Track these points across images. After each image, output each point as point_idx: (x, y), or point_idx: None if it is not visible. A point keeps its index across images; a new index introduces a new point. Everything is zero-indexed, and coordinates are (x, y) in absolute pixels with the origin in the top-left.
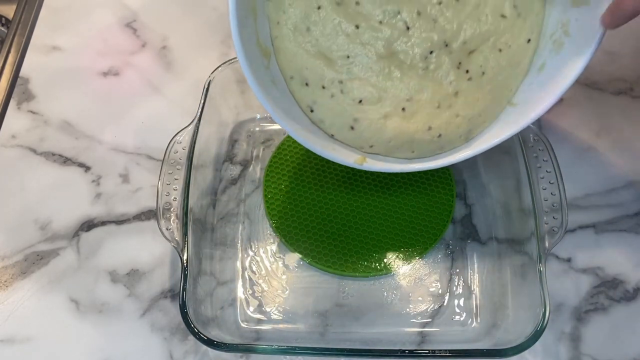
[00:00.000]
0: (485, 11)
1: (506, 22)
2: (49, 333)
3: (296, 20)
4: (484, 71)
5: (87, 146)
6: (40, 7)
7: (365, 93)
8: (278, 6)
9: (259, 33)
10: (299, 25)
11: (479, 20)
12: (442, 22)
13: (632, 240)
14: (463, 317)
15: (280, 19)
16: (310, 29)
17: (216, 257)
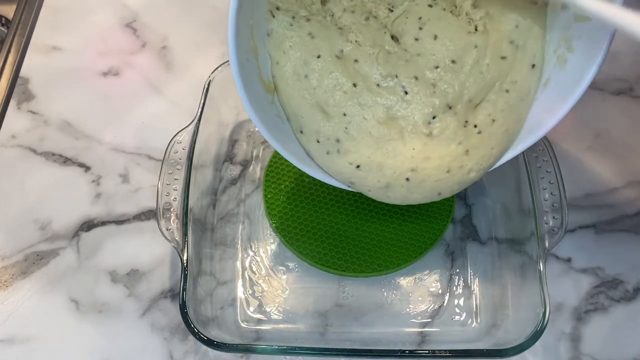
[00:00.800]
0: (485, 62)
1: (507, 61)
2: (49, 333)
3: (295, 64)
4: (494, 119)
5: (87, 146)
6: (40, 7)
7: (362, 159)
8: (278, 45)
9: (262, 69)
10: (297, 70)
11: (480, 73)
12: (442, 86)
13: (632, 240)
14: (463, 317)
15: (280, 59)
16: (308, 76)
17: (216, 257)
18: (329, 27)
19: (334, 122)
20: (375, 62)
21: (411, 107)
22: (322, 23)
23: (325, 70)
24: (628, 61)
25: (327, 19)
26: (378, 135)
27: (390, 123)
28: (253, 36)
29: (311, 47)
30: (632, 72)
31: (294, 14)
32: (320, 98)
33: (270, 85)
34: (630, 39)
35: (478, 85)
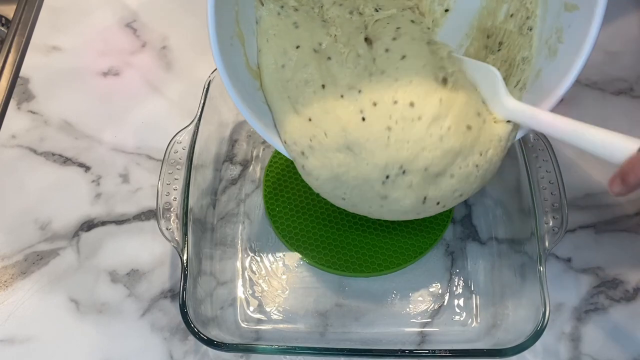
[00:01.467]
0: (445, 124)
1: (472, 133)
2: (49, 333)
3: (275, 53)
4: (462, 193)
5: (87, 146)
6: (40, 7)
7: (327, 175)
8: (263, 33)
9: (249, 56)
10: (277, 59)
11: (440, 139)
12: (396, 135)
13: (632, 240)
14: (463, 317)
15: (262, 47)
16: (285, 67)
17: (216, 257)
18: (314, 19)
19: (302, 126)
20: (344, 64)
21: (367, 145)
22: (309, 14)
23: (301, 62)
24: (628, 61)
25: (314, 10)
26: (338, 162)
27: (349, 153)
28: (239, 22)
29: (293, 36)
30: (632, 72)
31: (283, 3)
32: (292, 93)
33: (257, 72)
34: (630, 39)
35: (436, 152)
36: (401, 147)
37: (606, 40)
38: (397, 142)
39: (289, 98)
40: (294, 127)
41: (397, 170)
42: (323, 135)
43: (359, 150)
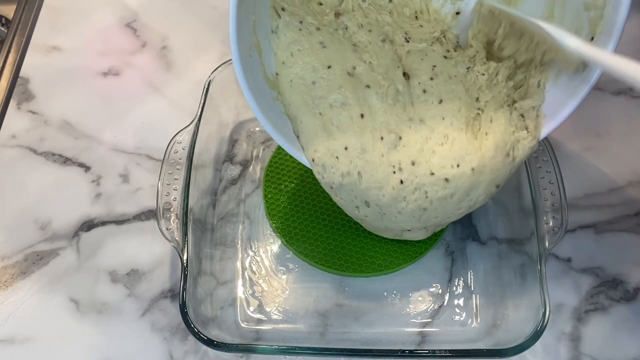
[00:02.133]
0: (479, 197)
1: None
2: (49, 333)
3: (303, 68)
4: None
5: (87, 146)
6: (40, 7)
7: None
8: (286, 46)
9: (266, 67)
10: (304, 75)
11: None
12: (431, 213)
13: (632, 240)
14: (463, 317)
15: (286, 60)
16: (315, 84)
17: (216, 257)
18: (342, 42)
19: (334, 152)
20: (384, 99)
21: (399, 217)
22: (334, 35)
23: (334, 83)
24: None
25: (339, 32)
26: (362, 211)
27: (377, 210)
28: (256, 32)
29: (322, 56)
30: None
31: (301, 19)
32: (325, 111)
33: (274, 82)
34: (630, 39)
35: (460, 212)
36: (429, 220)
37: None
38: (428, 219)
39: (321, 115)
40: (325, 150)
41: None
42: (356, 179)
43: (389, 214)
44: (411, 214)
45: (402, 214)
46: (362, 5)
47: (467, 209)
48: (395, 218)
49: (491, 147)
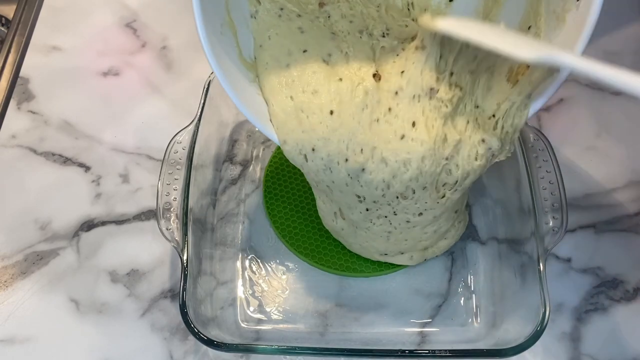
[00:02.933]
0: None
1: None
2: (49, 333)
3: (279, 51)
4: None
5: (87, 146)
6: (40, 7)
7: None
8: (264, 30)
9: (242, 47)
10: (279, 57)
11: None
12: (396, 234)
13: (632, 240)
14: (463, 317)
15: (263, 43)
16: (290, 66)
17: (216, 257)
18: (321, 28)
19: (302, 143)
20: (352, 97)
21: (367, 225)
22: (315, 22)
23: (309, 67)
24: (628, 61)
25: (320, 20)
26: (338, 196)
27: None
28: (229, 12)
29: (299, 40)
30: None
31: (281, 6)
32: (296, 95)
33: (252, 65)
34: (630, 39)
35: (430, 239)
36: (398, 243)
37: (606, 41)
38: (397, 241)
39: (292, 99)
40: (294, 144)
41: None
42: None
43: (360, 229)
44: (378, 233)
45: (370, 230)
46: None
47: (433, 233)
48: (366, 234)
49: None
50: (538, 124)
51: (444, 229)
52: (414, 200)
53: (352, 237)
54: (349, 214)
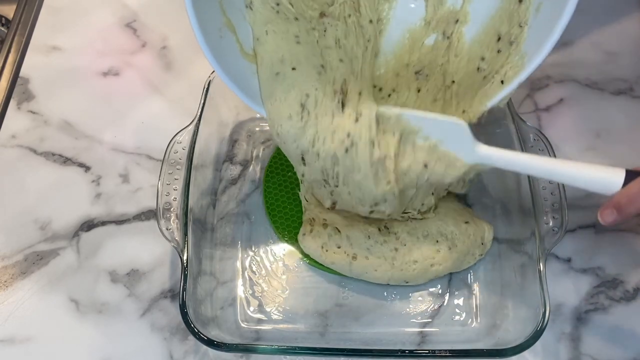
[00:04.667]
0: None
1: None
2: (49, 333)
3: (273, 52)
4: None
5: (87, 146)
6: (40, 7)
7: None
8: (260, 23)
9: (242, 43)
10: (272, 60)
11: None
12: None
13: (632, 240)
14: (463, 317)
15: (260, 37)
16: (278, 75)
17: (216, 257)
18: (314, 48)
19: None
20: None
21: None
22: (310, 35)
23: (294, 84)
24: (628, 61)
25: (315, 33)
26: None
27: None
28: (225, 12)
29: (293, 51)
30: (632, 72)
31: (277, 1)
32: (280, 96)
33: (253, 57)
34: (630, 39)
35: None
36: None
37: (606, 40)
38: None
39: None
40: (289, 126)
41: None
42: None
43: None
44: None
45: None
46: (347, 20)
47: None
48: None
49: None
50: (538, 124)
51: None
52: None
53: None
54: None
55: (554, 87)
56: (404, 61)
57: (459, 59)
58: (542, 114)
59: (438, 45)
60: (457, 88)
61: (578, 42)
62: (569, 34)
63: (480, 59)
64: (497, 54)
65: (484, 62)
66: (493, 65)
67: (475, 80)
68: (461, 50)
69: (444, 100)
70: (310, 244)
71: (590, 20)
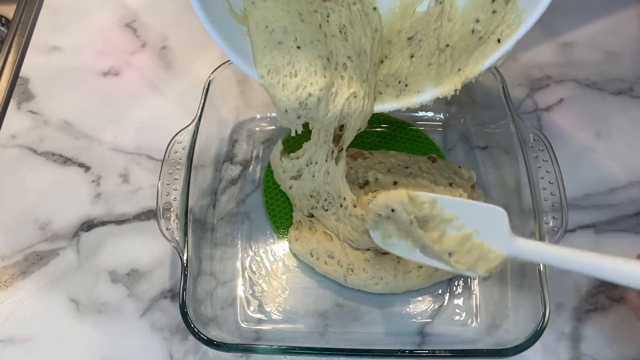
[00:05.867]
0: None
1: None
2: (49, 333)
3: (273, 20)
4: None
5: (87, 146)
6: (40, 7)
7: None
8: None
9: (232, 2)
10: (274, 27)
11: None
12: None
13: (632, 240)
14: (463, 317)
15: (256, 1)
16: (282, 44)
17: (216, 257)
18: (317, 32)
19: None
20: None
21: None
22: (313, 16)
23: (298, 63)
24: (628, 61)
25: (317, 16)
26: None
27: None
28: None
29: (297, 27)
30: (632, 72)
31: None
32: (277, 72)
33: (243, 17)
34: (630, 39)
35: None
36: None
37: (606, 40)
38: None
39: (269, 72)
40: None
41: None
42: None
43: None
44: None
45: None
46: (351, 7)
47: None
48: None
49: None
50: (538, 124)
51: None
52: None
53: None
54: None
55: (554, 87)
56: (395, 28)
57: (452, 22)
58: (542, 114)
59: (431, 11)
60: (452, 51)
61: (578, 42)
62: (569, 34)
63: (474, 21)
64: (492, 15)
65: (478, 24)
66: (488, 26)
67: (471, 42)
68: (454, 14)
69: (438, 64)
70: (299, 251)
71: (590, 20)
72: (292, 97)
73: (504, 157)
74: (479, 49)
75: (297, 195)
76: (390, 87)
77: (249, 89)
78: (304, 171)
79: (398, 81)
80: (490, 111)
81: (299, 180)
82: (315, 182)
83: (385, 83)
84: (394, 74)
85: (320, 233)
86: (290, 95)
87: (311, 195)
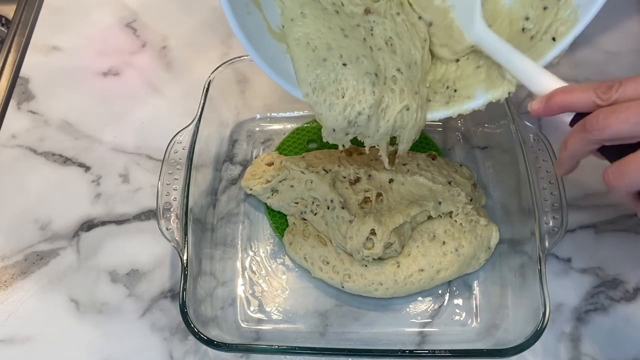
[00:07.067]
0: None
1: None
2: (49, 333)
3: (315, 37)
4: None
5: (87, 146)
6: (40, 7)
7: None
8: (297, 4)
9: (269, 20)
10: (317, 45)
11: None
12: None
13: (632, 240)
14: (463, 317)
15: (295, 18)
16: (326, 61)
17: (216, 257)
18: (362, 44)
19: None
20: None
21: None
22: (356, 32)
23: (346, 75)
24: (628, 61)
25: (361, 30)
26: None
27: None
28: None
29: (341, 44)
30: (632, 72)
31: None
32: (322, 88)
33: (281, 35)
34: (630, 39)
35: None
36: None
37: (606, 40)
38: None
39: (322, 90)
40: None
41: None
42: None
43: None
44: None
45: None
46: (395, 19)
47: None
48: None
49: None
50: (538, 124)
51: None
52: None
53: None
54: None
55: None
56: None
57: (498, 21)
58: None
59: None
60: None
61: (578, 42)
62: None
63: (524, 19)
64: (543, 12)
65: (528, 22)
66: (540, 24)
67: (522, 41)
68: (499, 13)
69: (487, 66)
70: (294, 255)
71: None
72: (340, 117)
73: (504, 157)
74: (532, 49)
75: (281, 206)
76: (439, 93)
77: (249, 89)
78: (279, 186)
79: (446, 87)
80: (490, 111)
81: (277, 194)
82: (296, 190)
83: (433, 90)
84: (440, 79)
85: (314, 237)
86: (338, 116)
87: (296, 202)
